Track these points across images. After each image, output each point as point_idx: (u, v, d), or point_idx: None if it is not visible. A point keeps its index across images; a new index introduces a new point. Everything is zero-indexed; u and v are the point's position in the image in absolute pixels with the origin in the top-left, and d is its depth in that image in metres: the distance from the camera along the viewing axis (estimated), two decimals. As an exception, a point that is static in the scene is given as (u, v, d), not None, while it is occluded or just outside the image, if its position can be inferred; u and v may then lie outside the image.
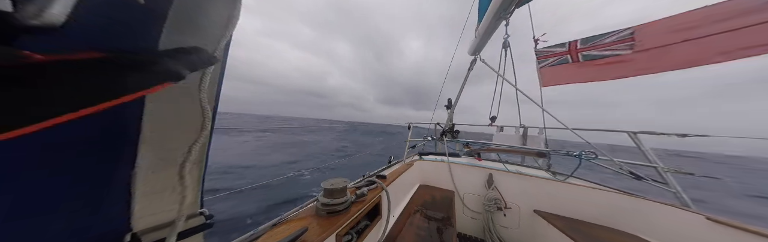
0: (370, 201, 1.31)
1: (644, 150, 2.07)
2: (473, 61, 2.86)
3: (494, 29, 2.25)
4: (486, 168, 2.43)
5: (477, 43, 2.54)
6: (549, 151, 2.33)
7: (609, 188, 2.04)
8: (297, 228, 0.91)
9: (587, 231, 1.65)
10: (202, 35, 0.45)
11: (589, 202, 1.87)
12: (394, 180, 1.82)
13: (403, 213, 1.83)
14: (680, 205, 1.66)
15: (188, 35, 0.43)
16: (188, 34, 0.43)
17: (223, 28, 0.46)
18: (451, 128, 3.57)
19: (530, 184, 2.15)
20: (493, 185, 2.27)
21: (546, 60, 3.44)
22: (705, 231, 1.41)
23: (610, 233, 1.65)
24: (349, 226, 1.13)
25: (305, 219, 1.05)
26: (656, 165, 1.91)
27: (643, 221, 1.68)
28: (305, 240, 0.88)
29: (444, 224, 1.68)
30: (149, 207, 0.47)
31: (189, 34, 0.43)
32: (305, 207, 1.18)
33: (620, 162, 1.88)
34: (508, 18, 2.03)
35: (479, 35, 2.39)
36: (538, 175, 2.26)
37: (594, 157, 1.85)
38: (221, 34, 0.46)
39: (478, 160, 3.21)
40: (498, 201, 2.16)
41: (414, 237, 1.49)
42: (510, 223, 2.15)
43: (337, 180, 1.17)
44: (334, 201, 1.09)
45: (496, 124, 3.60)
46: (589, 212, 1.85)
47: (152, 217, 0.48)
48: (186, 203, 0.52)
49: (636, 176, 1.87)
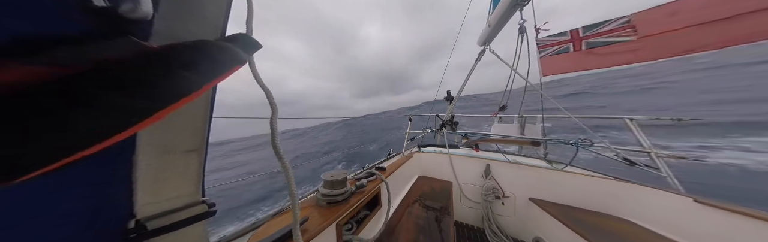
0: (369, 192, 1.34)
1: (638, 136, 2.08)
2: (482, 52, 2.72)
3: (508, 17, 2.10)
4: (484, 159, 2.46)
5: (489, 32, 2.38)
6: (544, 140, 2.35)
7: (603, 175, 2.08)
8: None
9: (580, 217, 1.70)
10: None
11: (583, 189, 1.92)
12: (393, 172, 1.85)
13: (402, 204, 1.88)
14: (670, 189, 1.70)
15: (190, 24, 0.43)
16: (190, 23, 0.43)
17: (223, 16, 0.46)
18: (451, 120, 3.57)
19: (526, 173, 2.19)
20: (490, 175, 2.31)
21: (547, 49, 3.37)
22: (693, 213, 1.45)
23: (602, 218, 1.70)
24: (349, 216, 1.16)
25: (306, 209, 1.07)
26: (649, 150, 1.94)
27: (634, 206, 1.72)
28: (306, 228, 0.90)
29: (442, 213, 1.73)
30: (152, 195, 0.47)
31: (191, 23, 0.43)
32: (305, 198, 1.20)
33: (616, 149, 1.90)
34: (526, 4, 1.87)
35: (491, 24, 2.24)
36: (535, 164, 2.29)
37: (590, 145, 1.87)
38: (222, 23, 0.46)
39: (475, 151, 3.25)
40: (496, 190, 2.21)
41: (413, 226, 1.54)
42: (506, 212, 2.22)
43: (337, 172, 1.18)
44: (334, 192, 1.10)
45: (501, 114, 3.57)
46: (583, 199, 1.90)
47: (155, 205, 0.48)
48: (187, 191, 0.53)
49: (630, 162, 1.90)
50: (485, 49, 2.65)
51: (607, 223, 1.63)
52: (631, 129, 2.15)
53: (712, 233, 1.37)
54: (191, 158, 0.52)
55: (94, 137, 0.22)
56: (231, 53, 0.36)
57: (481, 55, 2.83)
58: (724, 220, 1.32)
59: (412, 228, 1.52)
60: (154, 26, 0.36)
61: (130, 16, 0.28)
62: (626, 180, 1.84)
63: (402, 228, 1.51)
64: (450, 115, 3.62)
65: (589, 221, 1.64)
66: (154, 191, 0.47)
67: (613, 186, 1.83)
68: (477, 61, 3.02)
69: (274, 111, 0.49)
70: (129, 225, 0.44)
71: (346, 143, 26.47)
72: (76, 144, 0.21)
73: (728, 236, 1.30)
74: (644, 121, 2.16)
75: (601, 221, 1.66)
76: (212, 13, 0.44)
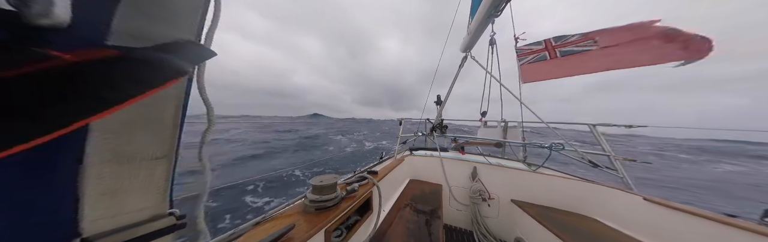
0: (360, 196, 1.31)
1: (600, 140, 2.27)
2: (464, 58, 2.89)
3: (484, 27, 2.30)
4: (471, 162, 2.52)
5: (468, 40, 2.58)
6: (506, 142, 2.60)
7: (572, 176, 2.24)
8: (283, 226, 0.88)
9: (555, 216, 1.80)
10: (179, 26, 0.42)
11: (556, 190, 2.05)
12: (385, 176, 1.83)
13: (393, 208, 1.85)
14: (625, 188, 1.88)
15: (164, 26, 0.40)
16: (163, 25, 0.40)
17: (200, 16, 0.43)
18: (441, 123, 3.65)
19: (508, 175, 2.28)
20: (477, 177, 2.37)
21: (525, 57, 3.60)
22: (643, 210, 1.61)
23: (572, 217, 1.82)
24: (338, 222, 1.11)
25: (292, 216, 1.02)
26: (608, 153, 2.13)
27: (597, 205, 1.86)
28: (292, 237, 0.85)
29: (432, 217, 1.72)
30: (104, 209, 0.41)
31: (165, 26, 0.40)
32: (292, 205, 1.14)
33: (582, 152, 2.06)
34: (498, 15, 2.07)
35: (471, 32, 2.43)
36: (515, 167, 2.41)
37: (562, 148, 2.01)
38: (199, 23, 0.44)
39: (462, 154, 3.32)
40: (482, 192, 2.25)
41: (403, 230, 1.52)
42: (491, 213, 2.27)
43: (326, 177, 1.14)
44: (322, 198, 1.06)
45: (485, 119, 3.76)
46: (557, 199, 2.02)
47: (109, 220, 0.42)
48: (151, 203, 0.47)
49: (594, 164, 2.07)
50: (467, 55, 2.80)
51: (578, 222, 1.73)
52: (594, 134, 2.35)
53: (660, 227, 1.51)
54: (158, 166, 0.47)
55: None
56: (165, 66, 0.35)
57: (464, 62, 2.98)
58: (667, 216, 1.48)
59: (403, 232, 1.49)
60: (111, 27, 0.33)
61: (38, 23, 0.25)
62: (591, 181, 2.00)
63: (393, 233, 1.48)
64: (439, 119, 3.70)
65: (563, 220, 1.74)
66: (109, 204, 0.42)
67: (581, 186, 1.98)
68: (461, 67, 3.17)
69: (210, 124, 0.52)
70: None
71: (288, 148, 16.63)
72: None
73: (673, 230, 1.45)
74: (603, 127, 2.41)
75: (573, 220, 1.77)
76: (186, 13, 0.42)
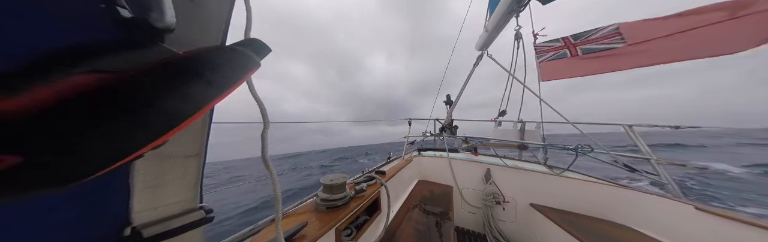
0: (369, 196, 1.32)
1: (639, 142, 2.09)
2: (480, 57, 2.77)
3: (505, 23, 2.15)
4: (484, 164, 2.45)
5: (486, 37, 2.43)
6: (528, 144, 2.41)
7: (603, 180, 2.06)
8: (297, 223, 0.92)
9: (581, 223, 1.68)
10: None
11: (583, 195, 1.90)
12: (393, 176, 1.84)
13: (402, 208, 1.85)
14: (671, 196, 1.69)
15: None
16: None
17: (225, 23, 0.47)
18: (450, 124, 3.58)
19: (526, 178, 2.17)
20: (491, 180, 2.30)
21: (544, 54, 3.42)
22: (694, 221, 1.44)
23: (603, 225, 1.68)
24: (348, 221, 1.14)
25: (304, 213, 1.06)
26: (650, 157, 1.94)
27: (634, 212, 1.70)
28: (305, 234, 0.89)
29: (442, 218, 1.71)
30: (148, 202, 0.46)
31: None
32: (304, 203, 1.20)
33: (616, 155, 1.90)
34: (522, 10, 1.91)
35: (488, 29, 2.28)
36: (535, 169, 2.28)
37: (590, 151, 1.86)
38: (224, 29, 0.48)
39: (474, 155, 3.23)
40: (496, 195, 2.19)
41: (413, 231, 1.52)
42: (507, 217, 2.19)
43: (336, 176, 1.17)
44: (333, 197, 1.09)
45: (501, 119, 3.57)
46: (583, 204, 1.88)
47: (152, 211, 0.47)
48: (184, 197, 0.52)
49: (630, 168, 1.89)
50: (483, 53, 2.69)
51: (609, 230, 1.61)
52: (630, 136, 2.15)
53: (714, 241, 1.35)
54: (191, 163, 0.51)
55: (149, 137, 0.24)
56: (247, 56, 0.38)
57: (479, 60, 2.87)
58: (725, 228, 1.32)
59: (412, 234, 1.49)
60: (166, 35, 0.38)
61: (157, 26, 0.30)
62: (627, 187, 1.82)
63: (402, 234, 1.49)
64: (449, 119, 3.63)
65: (592, 227, 1.62)
66: (152, 197, 0.47)
67: (614, 192, 1.81)
68: (475, 66, 3.05)
69: (266, 125, 0.53)
70: (124, 232, 0.43)
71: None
72: (135, 144, 0.23)
73: None
74: (644, 128, 2.16)
75: (603, 227, 1.64)
76: (215, 21, 0.45)
